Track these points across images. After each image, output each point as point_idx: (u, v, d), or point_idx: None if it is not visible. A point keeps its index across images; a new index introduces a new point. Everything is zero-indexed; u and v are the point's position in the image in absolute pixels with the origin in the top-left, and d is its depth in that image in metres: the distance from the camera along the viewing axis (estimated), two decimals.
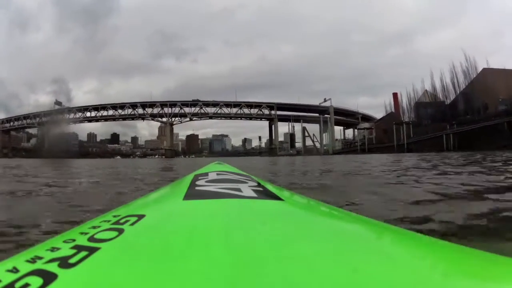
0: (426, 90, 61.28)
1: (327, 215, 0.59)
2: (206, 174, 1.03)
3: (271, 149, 66.29)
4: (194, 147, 79.91)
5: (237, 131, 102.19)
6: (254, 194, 0.62)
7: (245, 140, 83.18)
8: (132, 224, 0.42)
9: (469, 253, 0.37)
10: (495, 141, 43.46)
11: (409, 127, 57.31)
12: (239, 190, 0.66)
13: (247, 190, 0.67)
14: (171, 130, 68.35)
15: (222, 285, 0.26)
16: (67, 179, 5.30)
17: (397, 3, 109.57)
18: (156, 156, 69.36)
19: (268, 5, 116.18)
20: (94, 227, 0.41)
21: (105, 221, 0.44)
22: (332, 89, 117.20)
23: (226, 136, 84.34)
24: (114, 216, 0.47)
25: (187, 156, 70.52)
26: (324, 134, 64.77)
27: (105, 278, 0.28)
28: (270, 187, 0.80)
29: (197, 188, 0.72)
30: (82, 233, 0.39)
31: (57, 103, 68.20)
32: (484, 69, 55.13)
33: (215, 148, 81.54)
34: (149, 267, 0.29)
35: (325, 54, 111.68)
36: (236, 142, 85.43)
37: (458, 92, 57.79)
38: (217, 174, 1.02)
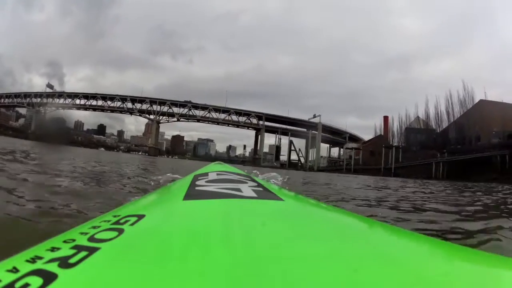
0: (418, 116, 58.20)
1: (327, 215, 0.58)
2: (206, 174, 1.01)
3: (255, 159, 62.33)
4: (178, 148, 76.14)
5: (223, 137, 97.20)
6: (254, 194, 0.61)
7: (229, 147, 79.66)
8: (132, 224, 0.41)
9: (469, 253, 0.36)
10: (486, 173, 40.36)
11: (398, 151, 53.78)
12: (239, 190, 0.65)
13: (247, 190, 0.65)
14: (157, 128, 65.11)
15: (223, 286, 0.26)
16: None
17: (402, 27, 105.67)
18: (140, 153, 65.84)
19: (271, 13, 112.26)
20: (94, 227, 0.40)
21: (105, 221, 0.43)
22: (323, 105, 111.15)
23: (212, 141, 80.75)
24: (114, 216, 0.45)
25: (170, 156, 66.79)
26: (309, 150, 60.96)
27: (105, 278, 0.27)
28: (270, 187, 0.78)
29: (197, 188, 0.70)
30: (82, 233, 0.37)
31: (49, 86, 65.83)
32: (481, 100, 52.26)
33: (199, 152, 77.68)
34: (149, 267, 0.29)
35: (321, 70, 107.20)
36: (221, 148, 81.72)
37: (451, 121, 54.70)
38: (217, 174, 1.00)
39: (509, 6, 72.21)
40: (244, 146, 74.58)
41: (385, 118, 61.35)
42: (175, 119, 64.68)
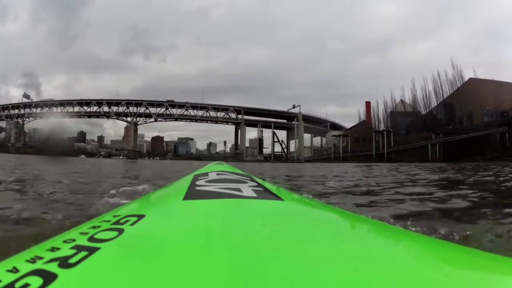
0: (401, 99, 51.03)
1: (327, 215, 0.55)
2: (206, 174, 0.97)
3: (237, 154, 54.51)
4: (159, 149, 68.32)
5: (203, 135, 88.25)
6: (254, 194, 0.58)
7: (210, 144, 71.70)
8: (132, 224, 0.39)
9: (469, 253, 0.35)
10: (486, 152, 33.39)
11: (389, 135, 46.85)
12: (239, 190, 0.62)
13: (247, 190, 0.62)
14: (135, 130, 57.23)
15: (223, 286, 0.24)
16: None
17: (378, 11, 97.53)
18: (121, 157, 57.73)
19: (244, 6, 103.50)
20: (94, 227, 0.38)
21: (105, 221, 0.41)
22: (302, 96, 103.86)
23: (191, 139, 72.84)
24: (114, 216, 0.43)
25: (151, 158, 58.70)
26: (292, 141, 53.11)
27: (105, 278, 0.26)
28: (270, 187, 0.75)
29: (197, 188, 0.67)
30: (82, 233, 0.36)
31: (26, 96, 58.15)
32: (470, 79, 45.20)
33: (180, 151, 70.11)
34: (149, 267, 0.27)
35: (297, 60, 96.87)
36: (201, 146, 73.78)
37: (440, 100, 47.20)
38: (217, 174, 0.96)
39: None
40: (225, 142, 67.11)
41: (367, 104, 54.66)
42: (153, 119, 57.14)
